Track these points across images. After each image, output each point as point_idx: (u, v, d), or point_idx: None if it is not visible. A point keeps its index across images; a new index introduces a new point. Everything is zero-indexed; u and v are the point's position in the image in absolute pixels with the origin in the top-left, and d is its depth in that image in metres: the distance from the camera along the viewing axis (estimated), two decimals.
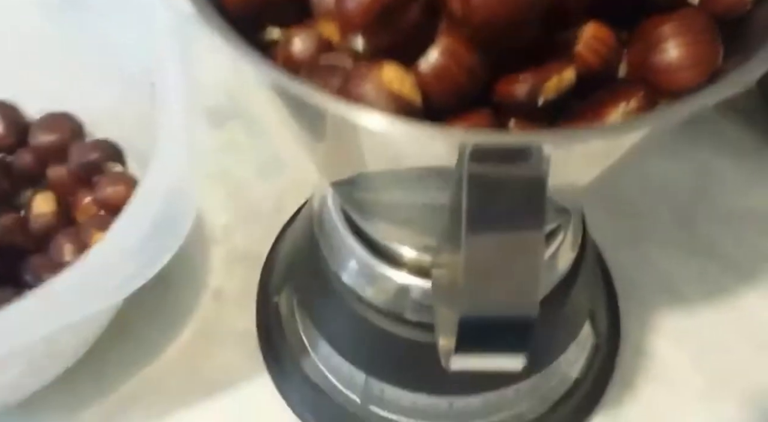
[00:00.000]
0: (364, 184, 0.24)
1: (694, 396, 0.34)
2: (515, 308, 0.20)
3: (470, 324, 0.20)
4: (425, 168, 0.20)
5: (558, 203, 0.24)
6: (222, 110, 0.43)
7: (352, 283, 0.29)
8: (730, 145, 0.41)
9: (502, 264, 0.19)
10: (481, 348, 0.21)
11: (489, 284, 0.19)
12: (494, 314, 0.20)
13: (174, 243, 0.28)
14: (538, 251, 0.19)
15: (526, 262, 0.19)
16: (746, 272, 0.38)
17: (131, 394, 0.34)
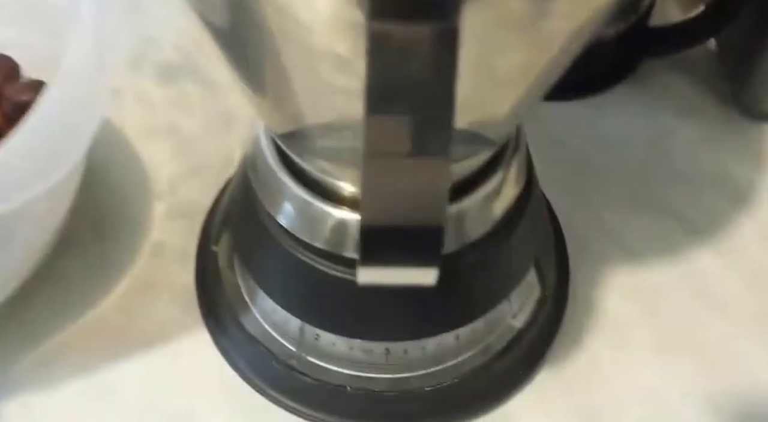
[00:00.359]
0: (302, 109, 0.23)
1: (643, 354, 0.33)
2: (421, 214, 0.19)
3: (373, 232, 0.19)
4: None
5: (483, 120, 0.23)
6: (172, 64, 0.42)
7: (288, 224, 0.28)
8: (688, 105, 0.41)
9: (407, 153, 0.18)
10: (387, 260, 0.20)
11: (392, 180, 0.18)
12: (398, 222, 0.19)
13: (73, 155, 0.27)
14: (446, 132, 0.18)
15: (434, 148, 0.18)
16: (701, 231, 0.37)
17: (62, 347, 0.33)
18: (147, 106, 0.40)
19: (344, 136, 0.24)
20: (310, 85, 0.21)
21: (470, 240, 0.28)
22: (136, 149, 0.39)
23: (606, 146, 0.40)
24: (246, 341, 0.32)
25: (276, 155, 0.28)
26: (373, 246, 0.19)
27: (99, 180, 0.38)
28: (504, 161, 0.28)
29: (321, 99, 0.22)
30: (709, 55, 0.42)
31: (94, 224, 0.36)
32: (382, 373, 0.30)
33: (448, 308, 0.29)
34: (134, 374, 0.32)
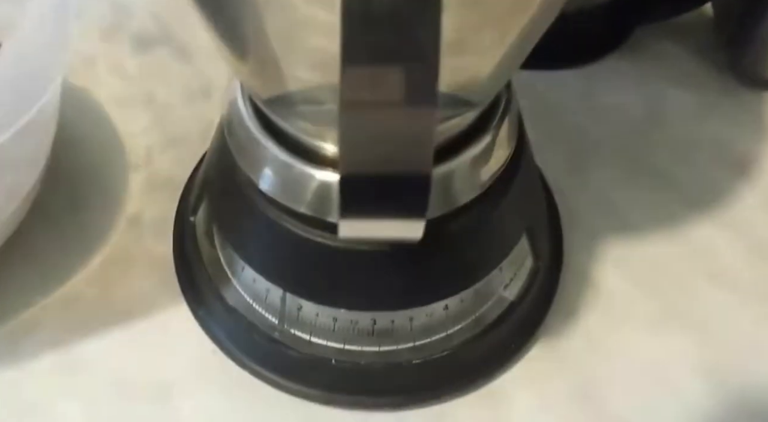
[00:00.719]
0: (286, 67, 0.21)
1: (640, 327, 0.32)
2: (406, 160, 0.17)
3: (353, 181, 0.18)
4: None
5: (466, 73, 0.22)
6: (148, 34, 0.40)
7: (269, 188, 0.27)
8: (683, 74, 0.40)
9: (389, 93, 0.16)
10: (370, 211, 0.18)
11: (373, 128, 0.17)
12: (381, 170, 0.18)
13: (29, 106, 0.25)
14: (432, 64, 0.16)
15: (419, 95, 0.17)
16: (699, 201, 0.36)
17: (34, 323, 0.31)
18: (122, 75, 0.39)
19: (329, 95, 0.22)
20: (291, 40, 0.20)
21: (458, 204, 0.27)
22: (112, 119, 0.37)
23: (600, 116, 0.38)
24: (226, 313, 0.30)
25: (254, 116, 0.27)
26: (354, 196, 0.18)
27: (73, 151, 0.36)
28: (494, 121, 0.27)
29: (303, 55, 0.21)
30: (705, 20, 0.41)
31: (68, 196, 0.35)
32: (368, 345, 0.29)
33: (436, 276, 0.28)
34: (110, 348, 0.31)
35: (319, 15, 0.18)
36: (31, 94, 0.25)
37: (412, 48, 0.16)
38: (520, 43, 0.22)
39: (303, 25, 0.19)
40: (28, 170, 0.31)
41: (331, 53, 0.19)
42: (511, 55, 0.23)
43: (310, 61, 0.21)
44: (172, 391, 0.30)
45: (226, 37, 0.23)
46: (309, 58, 0.21)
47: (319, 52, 0.20)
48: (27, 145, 0.29)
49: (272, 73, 0.23)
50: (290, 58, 0.21)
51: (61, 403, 0.30)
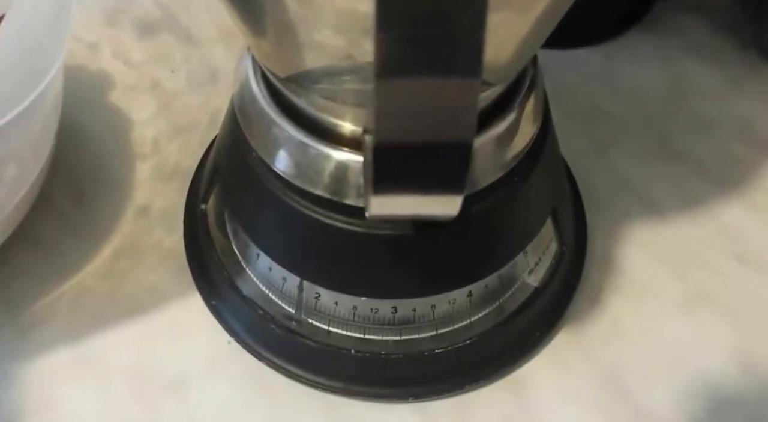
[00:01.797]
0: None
1: (668, 312, 0.31)
2: (445, 129, 0.16)
3: (388, 153, 0.16)
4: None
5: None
6: (153, 20, 0.39)
7: (284, 170, 0.26)
8: (706, 50, 0.38)
9: (429, 70, 0.15)
10: (405, 186, 0.17)
11: (409, 92, 0.16)
12: (417, 138, 0.16)
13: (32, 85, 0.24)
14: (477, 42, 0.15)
15: (461, 65, 0.15)
16: (723, 181, 0.34)
17: (44, 316, 0.30)
18: (126, 62, 0.38)
19: (352, 72, 0.21)
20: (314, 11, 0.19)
21: (482, 185, 0.25)
22: (117, 107, 0.36)
23: (620, 95, 0.37)
24: (241, 303, 0.29)
25: (268, 94, 0.26)
26: (388, 169, 0.17)
27: (78, 141, 0.35)
28: (517, 100, 0.26)
29: (327, 23, 0.20)
30: None
31: (74, 187, 0.34)
32: (389, 335, 0.28)
33: (460, 261, 0.27)
34: (122, 341, 0.30)
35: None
36: (34, 73, 0.24)
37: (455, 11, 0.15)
38: (541, 23, 0.21)
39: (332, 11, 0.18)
40: (32, 157, 0.29)
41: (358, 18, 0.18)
42: (533, 35, 0.22)
43: (335, 29, 0.20)
44: (186, 383, 0.29)
45: (244, 13, 0.22)
46: (334, 24, 0.20)
47: (345, 16, 0.19)
48: (31, 128, 0.28)
49: (293, 49, 0.22)
50: (313, 27, 0.20)
51: (74, 396, 0.29)
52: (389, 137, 0.16)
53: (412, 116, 0.16)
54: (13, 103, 0.24)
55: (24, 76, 0.24)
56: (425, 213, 0.18)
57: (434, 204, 0.18)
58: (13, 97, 0.24)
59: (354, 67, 0.21)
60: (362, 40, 0.19)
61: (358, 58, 0.20)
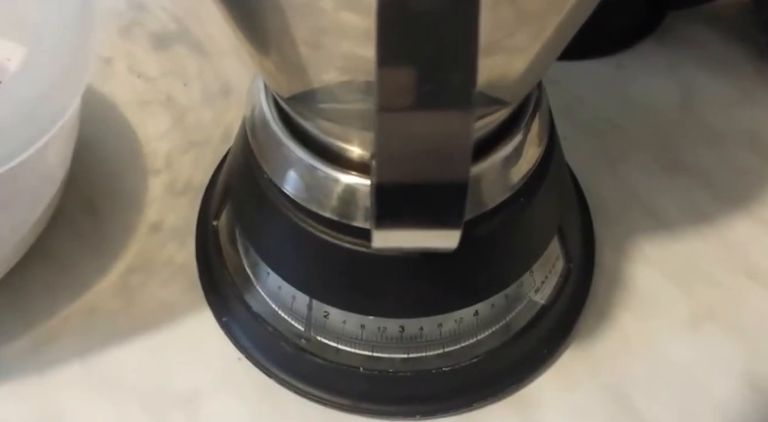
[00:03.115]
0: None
1: (676, 330, 0.31)
2: (442, 169, 0.17)
3: (388, 191, 0.17)
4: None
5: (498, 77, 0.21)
6: (167, 34, 0.40)
7: (293, 192, 0.26)
8: (719, 60, 0.38)
9: (426, 102, 0.16)
10: (405, 222, 0.18)
11: (408, 133, 0.16)
12: (416, 179, 0.17)
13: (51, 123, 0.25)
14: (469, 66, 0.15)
15: (455, 97, 0.16)
16: (733, 195, 0.34)
17: (58, 330, 0.31)
18: (140, 76, 0.38)
19: (355, 95, 0.21)
20: (316, 30, 0.19)
21: (489, 207, 0.26)
22: (130, 121, 0.37)
23: (631, 106, 0.37)
24: (251, 320, 0.30)
25: (279, 117, 0.26)
26: (389, 206, 0.17)
27: (92, 155, 0.36)
28: (524, 122, 0.26)
29: (328, 47, 0.20)
30: (742, 4, 0.39)
31: (87, 201, 0.34)
32: (397, 353, 0.28)
33: (466, 281, 0.27)
34: (134, 357, 0.30)
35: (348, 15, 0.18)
36: (54, 111, 0.25)
37: (449, 51, 0.15)
38: (555, 40, 0.21)
39: (332, 26, 0.18)
40: (51, 177, 0.30)
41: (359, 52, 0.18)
42: (546, 52, 0.22)
43: (337, 60, 0.20)
44: (197, 399, 0.29)
45: (249, 34, 0.22)
46: (336, 55, 0.20)
47: (347, 50, 0.19)
48: (51, 155, 0.29)
49: (296, 70, 0.22)
50: (316, 55, 0.20)
51: (86, 411, 0.29)
52: (390, 176, 0.17)
53: (411, 157, 0.17)
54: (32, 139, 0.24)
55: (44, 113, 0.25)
56: (425, 246, 0.18)
57: (434, 238, 0.18)
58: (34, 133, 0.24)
59: (356, 87, 0.21)
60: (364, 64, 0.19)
61: (360, 79, 0.21)
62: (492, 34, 0.18)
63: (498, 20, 0.18)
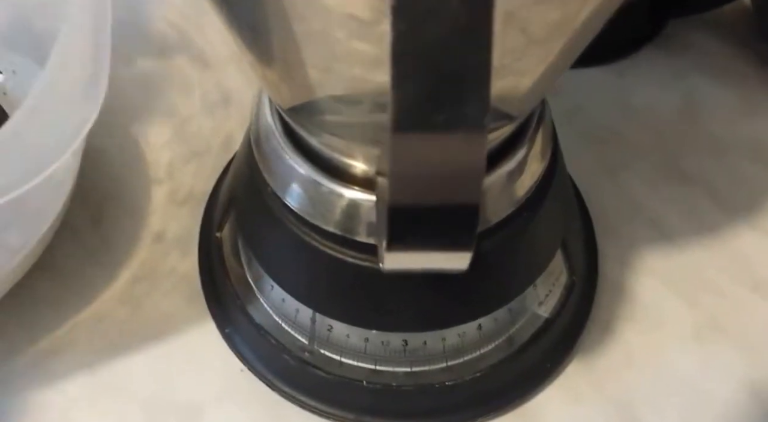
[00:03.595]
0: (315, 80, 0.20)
1: (681, 341, 0.31)
2: (454, 192, 0.17)
3: (401, 213, 0.17)
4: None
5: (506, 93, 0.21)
6: (169, 43, 0.40)
7: (297, 206, 0.26)
8: (721, 68, 0.38)
9: (439, 125, 0.16)
10: (418, 244, 0.18)
11: (422, 155, 0.16)
12: (429, 202, 0.17)
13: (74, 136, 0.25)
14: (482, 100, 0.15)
15: (469, 118, 0.16)
16: (737, 205, 0.34)
17: (63, 341, 0.31)
18: (143, 86, 0.38)
19: (360, 109, 0.21)
20: (323, 52, 0.19)
21: (493, 222, 0.26)
22: (132, 131, 0.37)
23: (633, 115, 0.37)
24: (255, 333, 0.30)
25: (283, 131, 0.26)
26: (401, 228, 0.17)
27: (94, 165, 0.35)
28: (527, 136, 0.26)
29: (335, 67, 0.20)
30: (744, 11, 0.39)
31: (91, 212, 0.34)
32: (400, 366, 0.28)
33: (469, 296, 0.27)
34: (138, 368, 0.31)
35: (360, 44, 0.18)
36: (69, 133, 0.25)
37: (463, 74, 0.16)
38: (564, 58, 0.21)
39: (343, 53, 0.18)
40: (58, 196, 0.30)
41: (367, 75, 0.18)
42: (555, 69, 0.22)
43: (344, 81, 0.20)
44: (200, 410, 0.30)
45: (253, 50, 0.22)
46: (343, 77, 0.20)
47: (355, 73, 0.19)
48: (58, 176, 0.29)
49: (299, 85, 0.22)
50: (323, 75, 0.20)
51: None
52: (402, 200, 0.17)
53: (424, 180, 0.17)
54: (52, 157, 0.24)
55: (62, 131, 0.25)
56: (437, 267, 0.18)
57: (445, 260, 0.18)
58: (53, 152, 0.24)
59: (360, 104, 0.21)
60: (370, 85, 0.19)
61: (364, 96, 0.21)
62: (502, 57, 0.18)
63: (509, 44, 0.18)
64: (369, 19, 0.16)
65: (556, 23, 0.18)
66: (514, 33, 0.18)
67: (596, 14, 0.19)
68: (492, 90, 0.21)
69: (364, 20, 0.16)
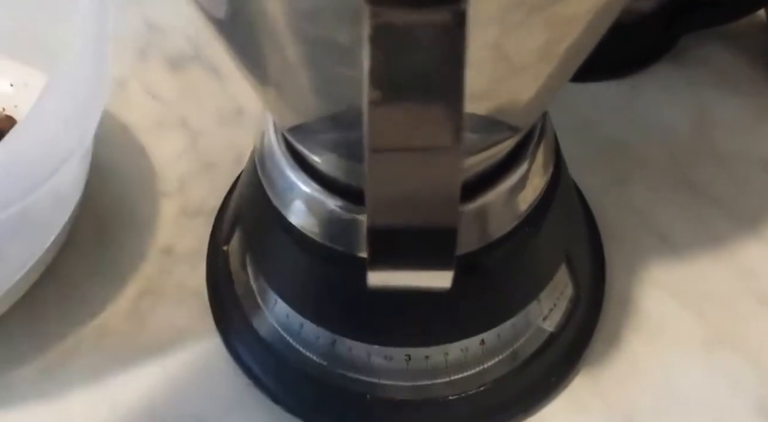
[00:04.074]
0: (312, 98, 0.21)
1: (688, 355, 0.31)
2: (431, 214, 0.17)
3: (380, 233, 0.17)
4: None
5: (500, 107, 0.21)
6: (182, 56, 0.40)
7: (299, 222, 0.26)
8: (733, 83, 0.38)
9: (414, 146, 0.16)
10: (397, 263, 0.18)
11: (398, 177, 0.16)
12: (407, 223, 0.17)
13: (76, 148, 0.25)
14: (456, 124, 0.16)
15: (443, 140, 0.16)
16: (746, 219, 0.34)
17: (69, 353, 0.32)
18: (155, 98, 0.39)
19: (353, 129, 0.22)
20: (313, 76, 0.20)
21: (495, 237, 0.26)
22: (144, 144, 0.37)
23: (644, 129, 0.37)
24: (259, 346, 0.30)
25: (286, 150, 0.26)
26: (381, 248, 0.18)
27: (105, 178, 0.36)
28: (529, 150, 0.26)
29: (325, 90, 0.21)
30: (757, 27, 0.39)
31: (100, 224, 0.35)
32: (403, 381, 0.28)
33: (472, 311, 0.27)
34: (144, 381, 0.31)
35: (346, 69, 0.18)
36: (71, 142, 0.25)
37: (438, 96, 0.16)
38: (557, 77, 0.21)
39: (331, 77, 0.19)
40: (64, 206, 0.30)
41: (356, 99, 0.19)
42: (550, 86, 0.22)
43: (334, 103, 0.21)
44: None
45: (248, 65, 0.23)
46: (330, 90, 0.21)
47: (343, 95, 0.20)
48: (64, 186, 0.29)
49: (294, 103, 0.22)
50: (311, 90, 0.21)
51: None
52: (382, 220, 0.17)
53: (402, 200, 0.17)
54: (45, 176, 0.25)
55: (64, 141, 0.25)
56: (420, 286, 0.19)
57: (427, 279, 0.18)
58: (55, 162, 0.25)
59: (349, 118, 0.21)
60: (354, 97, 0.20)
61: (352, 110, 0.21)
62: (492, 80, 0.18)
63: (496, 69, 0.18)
64: (351, 46, 0.17)
65: (540, 49, 0.18)
66: (501, 58, 0.18)
67: (582, 40, 0.19)
68: (490, 105, 0.21)
69: (347, 48, 0.17)
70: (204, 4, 0.20)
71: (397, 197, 0.17)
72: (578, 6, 0.18)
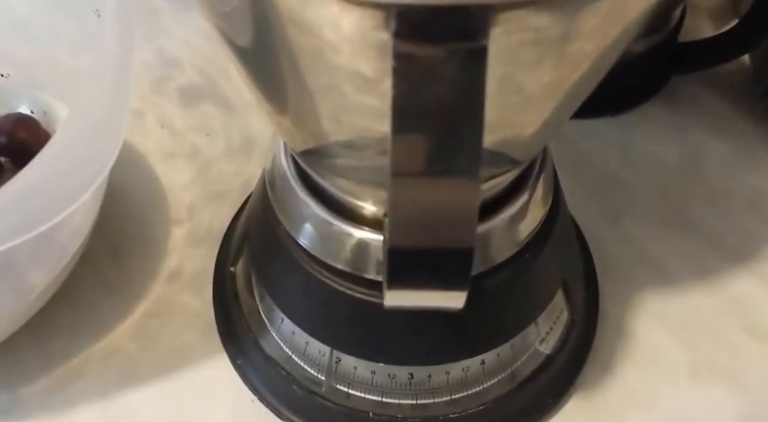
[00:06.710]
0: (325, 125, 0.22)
1: (678, 382, 0.32)
2: (450, 236, 0.18)
3: (400, 254, 0.18)
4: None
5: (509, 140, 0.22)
6: (195, 88, 0.42)
7: (308, 244, 0.28)
8: (721, 123, 0.40)
9: (435, 172, 0.17)
10: (415, 283, 0.19)
11: (419, 200, 0.18)
12: (426, 244, 0.18)
13: (95, 177, 0.26)
14: (475, 151, 0.17)
15: (463, 167, 0.17)
16: (734, 252, 0.35)
17: (78, 371, 0.32)
18: (168, 129, 0.40)
19: (366, 154, 0.23)
20: (333, 104, 0.21)
21: (496, 263, 0.27)
22: (157, 172, 0.38)
23: (636, 165, 0.39)
24: (265, 364, 0.31)
25: (296, 173, 0.28)
26: (400, 268, 0.19)
27: (118, 203, 0.37)
28: (530, 181, 0.27)
29: (343, 118, 0.22)
30: (743, 70, 0.41)
31: (112, 247, 0.36)
32: (406, 399, 0.29)
33: (473, 332, 0.28)
34: (151, 398, 0.32)
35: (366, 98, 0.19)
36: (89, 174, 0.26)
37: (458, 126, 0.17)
38: (561, 112, 0.23)
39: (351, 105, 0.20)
40: (79, 232, 0.32)
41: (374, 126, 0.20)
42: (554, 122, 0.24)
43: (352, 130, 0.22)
44: None
45: (266, 92, 0.24)
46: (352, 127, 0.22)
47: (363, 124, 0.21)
48: (80, 214, 0.30)
49: (310, 129, 0.24)
50: (332, 125, 0.22)
51: None
52: (401, 241, 0.18)
53: (421, 223, 0.18)
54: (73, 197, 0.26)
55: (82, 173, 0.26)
56: (434, 305, 0.20)
57: (442, 299, 0.20)
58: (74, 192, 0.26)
59: (368, 149, 0.23)
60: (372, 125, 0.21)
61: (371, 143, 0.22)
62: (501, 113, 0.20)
63: (507, 101, 0.19)
64: (374, 77, 0.18)
65: (549, 84, 0.20)
66: (511, 92, 0.19)
67: (588, 77, 0.21)
68: (495, 137, 0.22)
69: (370, 78, 0.18)
70: (228, 33, 0.21)
71: (417, 220, 0.18)
72: (588, 44, 0.19)
